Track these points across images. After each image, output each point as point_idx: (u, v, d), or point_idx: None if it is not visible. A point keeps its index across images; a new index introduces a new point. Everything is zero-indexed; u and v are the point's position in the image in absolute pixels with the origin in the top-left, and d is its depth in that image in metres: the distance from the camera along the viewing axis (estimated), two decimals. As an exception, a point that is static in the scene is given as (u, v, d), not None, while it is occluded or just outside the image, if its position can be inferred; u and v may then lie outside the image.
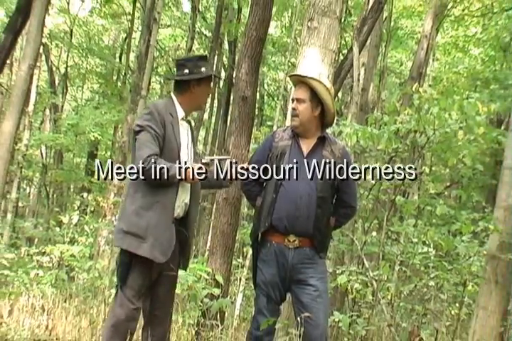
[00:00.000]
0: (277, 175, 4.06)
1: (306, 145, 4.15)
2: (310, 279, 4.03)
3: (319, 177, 4.05)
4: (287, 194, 4.03)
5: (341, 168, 4.13)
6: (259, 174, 4.19)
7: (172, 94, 4.18)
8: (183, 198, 4.02)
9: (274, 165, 4.10)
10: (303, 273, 4.03)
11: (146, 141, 3.86)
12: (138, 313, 3.91)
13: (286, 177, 4.04)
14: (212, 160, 4.16)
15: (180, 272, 4.44)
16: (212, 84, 4.29)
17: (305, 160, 4.10)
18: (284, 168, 4.06)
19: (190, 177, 3.85)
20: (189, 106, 4.16)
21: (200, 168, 3.88)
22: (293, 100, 4.20)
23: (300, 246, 4.03)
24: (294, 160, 4.09)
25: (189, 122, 4.23)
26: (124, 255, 3.91)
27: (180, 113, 4.10)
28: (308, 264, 4.04)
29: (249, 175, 4.24)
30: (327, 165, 4.08)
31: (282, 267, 4.03)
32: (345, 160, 4.19)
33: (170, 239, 3.91)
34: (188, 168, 3.87)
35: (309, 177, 4.05)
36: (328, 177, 4.07)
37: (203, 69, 4.08)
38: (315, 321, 3.94)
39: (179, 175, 3.82)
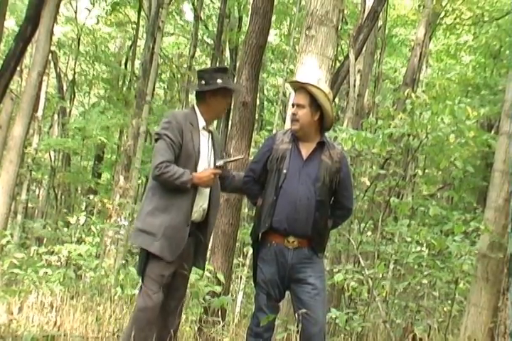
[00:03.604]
0: (277, 177, 4.05)
1: (305, 150, 4.13)
2: (309, 278, 4.02)
3: (318, 181, 4.04)
4: (287, 197, 4.00)
5: (339, 171, 4.12)
6: (259, 174, 4.19)
7: (195, 104, 4.20)
8: (200, 204, 4.05)
9: (275, 168, 4.08)
10: (302, 273, 4.02)
11: (161, 149, 3.94)
12: (157, 301, 3.94)
13: (286, 180, 4.03)
14: (226, 162, 4.18)
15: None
16: (230, 96, 4.25)
17: (304, 165, 4.08)
18: (284, 171, 4.05)
19: (204, 179, 3.95)
20: (208, 115, 4.17)
21: (214, 173, 3.98)
22: (293, 105, 4.18)
23: (299, 247, 4.01)
24: (294, 164, 4.07)
25: (210, 132, 4.21)
26: (142, 249, 4.02)
27: (202, 122, 4.12)
28: (306, 264, 4.03)
29: (249, 173, 4.24)
30: (325, 170, 4.07)
31: (282, 266, 4.02)
32: (342, 164, 4.17)
33: (181, 240, 3.95)
34: (203, 173, 3.97)
35: (308, 181, 4.03)
36: (326, 181, 4.06)
37: (218, 80, 4.09)
38: (314, 318, 3.94)
39: (191, 181, 3.89)
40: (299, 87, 4.21)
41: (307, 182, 4.03)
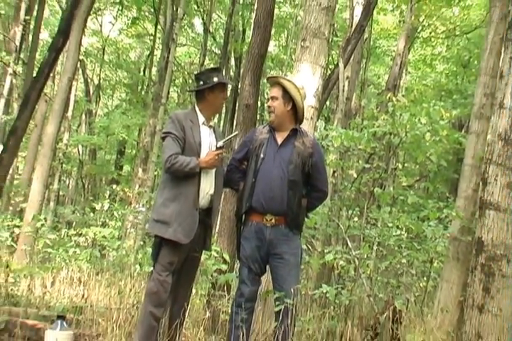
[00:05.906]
0: (256, 162, 4.07)
1: (280, 137, 4.13)
2: (284, 254, 4.00)
3: (291, 163, 4.03)
4: (264, 178, 4.01)
5: (311, 156, 4.09)
6: (240, 161, 4.20)
7: (195, 104, 4.20)
8: (207, 190, 4.03)
9: (254, 154, 4.10)
10: (278, 248, 4.00)
11: (169, 144, 3.95)
12: (167, 285, 3.90)
13: (263, 164, 4.05)
14: (225, 141, 4.15)
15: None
16: (226, 90, 4.25)
17: (279, 149, 4.09)
18: (261, 156, 4.06)
19: (210, 161, 3.95)
20: (208, 111, 4.16)
21: (217, 154, 3.97)
22: (268, 99, 4.20)
23: (276, 224, 4.00)
24: (270, 150, 4.08)
25: (211, 127, 4.20)
26: (155, 238, 3.99)
27: (201, 119, 4.11)
28: (283, 240, 4.01)
29: (232, 162, 4.25)
30: (298, 154, 4.06)
31: (261, 242, 4.00)
32: (315, 150, 4.14)
33: (192, 223, 3.92)
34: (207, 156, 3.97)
35: (282, 163, 4.03)
36: (298, 163, 4.04)
37: (215, 79, 4.09)
38: (287, 291, 3.92)
39: (198, 165, 3.90)
40: (274, 82, 4.21)
41: (281, 165, 4.03)
